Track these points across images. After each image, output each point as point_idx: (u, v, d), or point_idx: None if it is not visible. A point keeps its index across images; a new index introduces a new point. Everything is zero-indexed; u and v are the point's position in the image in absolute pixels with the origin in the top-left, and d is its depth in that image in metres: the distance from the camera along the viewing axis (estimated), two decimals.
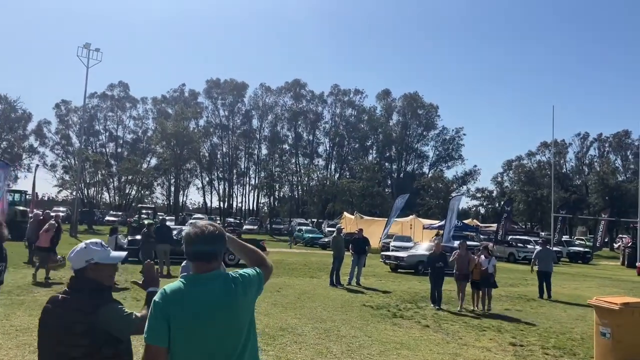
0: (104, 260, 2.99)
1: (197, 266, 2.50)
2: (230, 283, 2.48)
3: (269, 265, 2.82)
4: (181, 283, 2.47)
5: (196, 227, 2.54)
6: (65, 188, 58.16)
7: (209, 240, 2.48)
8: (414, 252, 24.46)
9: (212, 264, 2.49)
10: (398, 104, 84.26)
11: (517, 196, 68.06)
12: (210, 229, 2.51)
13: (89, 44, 41.55)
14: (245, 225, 59.21)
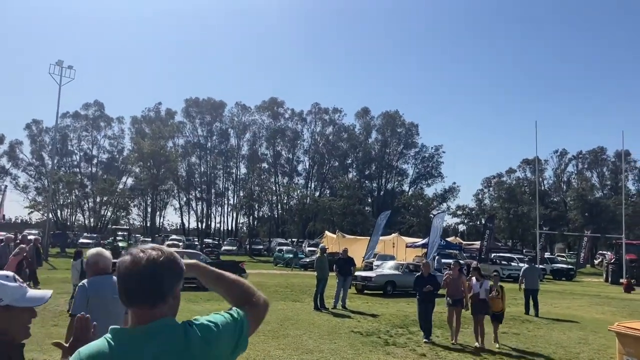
0: (18, 303, 2.03)
1: (133, 314, 1.63)
2: (182, 340, 1.61)
3: (261, 303, 1.95)
4: (106, 342, 1.58)
5: (131, 254, 1.65)
6: (37, 210, 56.25)
7: (148, 274, 1.60)
8: (382, 271, 22.83)
9: (155, 309, 1.61)
10: (377, 122, 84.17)
11: (498, 213, 67.90)
12: (152, 256, 1.63)
13: (61, 61, 40.29)
14: (224, 246, 57.76)
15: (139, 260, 1.61)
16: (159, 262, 1.62)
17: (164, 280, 1.63)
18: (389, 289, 20.70)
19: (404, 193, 79.13)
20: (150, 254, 1.63)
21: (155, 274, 1.61)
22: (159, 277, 1.61)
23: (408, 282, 20.08)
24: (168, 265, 1.65)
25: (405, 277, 20.82)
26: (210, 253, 46.13)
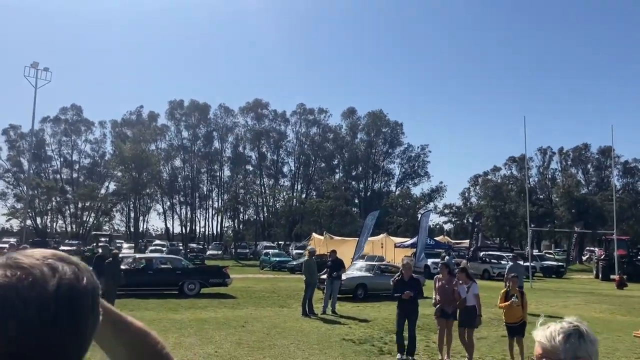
0: None
1: None
2: None
3: None
4: None
5: None
6: (16, 217, 54.74)
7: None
8: (351, 273, 20.51)
9: None
10: (363, 122, 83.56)
11: (485, 211, 67.58)
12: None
13: (36, 63, 39.13)
14: (209, 251, 56.67)
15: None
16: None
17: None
18: (360, 292, 19.11)
19: (390, 193, 78.57)
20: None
21: None
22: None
23: (381, 284, 19.09)
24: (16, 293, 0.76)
25: (378, 280, 19.80)
26: (194, 258, 45.18)
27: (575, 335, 1.60)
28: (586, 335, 1.61)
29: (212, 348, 9.82)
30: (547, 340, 1.61)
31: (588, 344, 1.60)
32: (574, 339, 1.59)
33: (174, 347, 9.75)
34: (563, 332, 1.60)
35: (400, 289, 9.46)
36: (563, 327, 1.62)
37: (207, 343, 10.31)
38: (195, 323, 12.75)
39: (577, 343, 1.58)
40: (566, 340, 1.59)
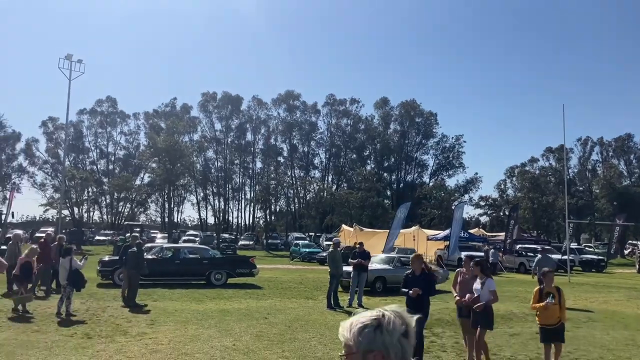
0: None
1: None
2: None
3: None
4: None
5: None
6: (53, 207, 55.90)
7: None
8: (369, 266, 18.88)
9: None
10: (396, 112, 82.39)
11: (523, 203, 65.89)
12: None
13: (70, 55, 39.34)
14: (241, 241, 56.88)
15: None
16: None
17: None
18: (378, 285, 18.24)
19: (424, 185, 77.39)
20: None
21: None
22: None
23: (401, 277, 18.27)
24: None
25: (397, 272, 18.96)
26: (226, 248, 45.36)
27: (371, 326, 1.52)
28: (385, 325, 1.52)
29: (230, 341, 9.49)
30: (346, 331, 1.56)
31: (385, 335, 1.51)
32: (370, 329, 1.52)
33: (192, 339, 9.47)
34: (360, 323, 1.54)
35: (410, 285, 8.39)
36: (364, 316, 1.56)
37: (226, 335, 9.99)
38: (218, 314, 12.47)
39: (371, 334, 1.51)
40: (361, 331, 1.53)
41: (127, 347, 8.78)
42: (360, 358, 1.53)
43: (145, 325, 10.80)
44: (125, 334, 9.86)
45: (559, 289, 7.88)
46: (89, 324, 10.72)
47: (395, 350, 1.53)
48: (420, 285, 8.18)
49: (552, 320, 7.68)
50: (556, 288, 7.85)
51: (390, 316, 1.55)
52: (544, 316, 7.76)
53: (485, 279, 8.22)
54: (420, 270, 8.50)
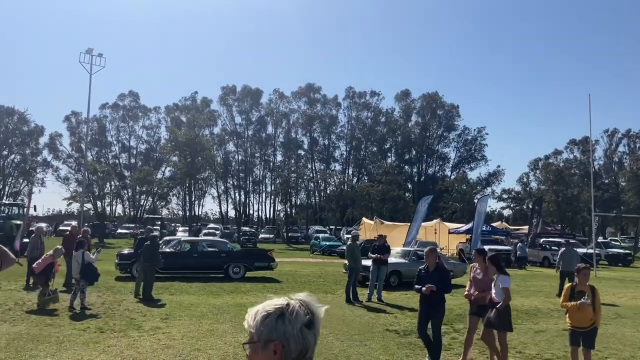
0: None
1: None
2: None
3: None
4: None
5: None
6: (76, 201, 56.50)
7: None
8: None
9: None
10: (417, 105, 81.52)
11: (547, 196, 64.71)
12: None
13: (91, 49, 39.54)
14: (261, 234, 56.86)
15: None
16: None
17: None
18: (393, 279, 17.66)
19: (445, 178, 76.53)
20: None
21: None
22: None
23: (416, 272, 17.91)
24: None
25: (413, 266, 18.59)
26: (247, 241, 45.34)
27: (274, 315, 1.49)
28: (288, 315, 1.48)
29: (245, 336, 9.21)
30: (251, 319, 1.53)
31: (287, 324, 1.47)
32: (272, 318, 1.49)
33: (206, 335, 9.25)
34: (265, 311, 1.51)
35: (423, 282, 7.75)
36: (269, 305, 1.53)
37: (241, 331, 9.74)
38: (234, 309, 12.26)
39: (273, 323, 1.48)
40: (263, 320, 1.50)
41: (139, 342, 8.60)
42: (261, 347, 1.48)
43: (159, 319, 10.63)
44: (138, 328, 9.69)
45: (594, 288, 7.06)
46: (103, 318, 10.58)
47: (296, 340, 1.48)
48: (435, 282, 7.59)
49: (584, 323, 6.94)
50: (590, 287, 7.06)
51: (294, 305, 1.52)
52: (576, 317, 7.00)
53: (498, 276, 7.55)
54: (435, 265, 7.88)
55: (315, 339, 1.54)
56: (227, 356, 7.87)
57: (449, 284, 7.93)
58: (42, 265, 11.86)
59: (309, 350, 1.51)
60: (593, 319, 6.94)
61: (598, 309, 6.96)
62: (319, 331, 1.55)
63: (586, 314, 6.91)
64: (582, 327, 6.93)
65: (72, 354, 7.67)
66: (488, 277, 7.84)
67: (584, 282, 7.11)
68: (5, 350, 7.77)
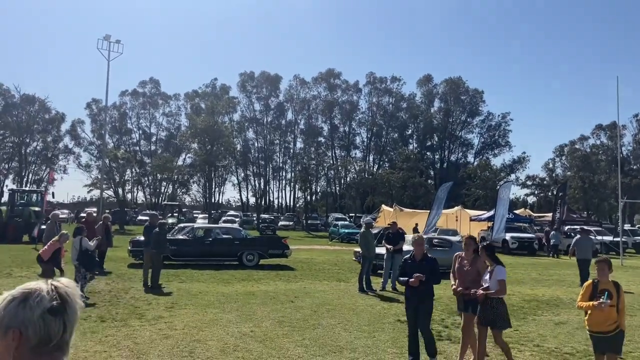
0: None
1: None
2: None
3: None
4: None
5: None
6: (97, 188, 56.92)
7: None
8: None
9: None
10: (439, 90, 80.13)
11: (572, 182, 63.22)
12: None
13: (109, 36, 39.68)
14: (280, 222, 56.72)
15: None
16: None
17: None
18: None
19: (468, 164, 75.29)
20: None
21: None
22: None
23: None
24: None
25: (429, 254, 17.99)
26: (266, 228, 45.18)
27: (18, 299, 1.39)
28: (32, 300, 1.38)
29: (249, 327, 8.89)
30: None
31: (27, 310, 1.37)
32: (15, 303, 1.38)
33: (209, 324, 8.93)
34: (11, 296, 1.41)
35: (409, 272, 7.05)
36: (19, 288, 1.42)
37: (246, 320, 9.41)
38: (243, 297, 11.94)
39: (15, 309, 1.37)
40: (7, 305, 1.39)
41: (139, 332, 8.29)
42: (1, 334, 1.36)
43: (164, 308, 10.34)
44: (140, 317, 9.40)
45: (618, 286, 6.01)
46: (107, 306, 10.33)
47: (35, 327, 1.36)
48: (423, 272, 6.94)
49: (605, 327, 5.87)
50: (614, 284, 6.01)
51: (42, 290, 1.40)
52: (595, 320, 5.95)
53: (494, 267, 6.74)
54: (422, 255, 7.26)
55: (64, 327, 1.40)
56: (227, 347, 7.52)
57: (438, 274, 7.21)
58: (49, 251, 11.59)
59: (53, 338, 1.38)
60: (616, 322, 5.89)
61: (622, 310, 5.93)
62: (72, 319, 1.42)
63: (608, 317, 5.87)
64: (603, 331, 5.92)
65: None
66: (475, 269, 7.00)
67: (604, 278, 6.06)
68: None
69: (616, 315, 5.88)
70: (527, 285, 15.90)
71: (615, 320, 5.89)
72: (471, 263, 7.12)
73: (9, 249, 22.28)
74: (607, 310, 5.81)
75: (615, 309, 5.86)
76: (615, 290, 5.94)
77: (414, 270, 7.02)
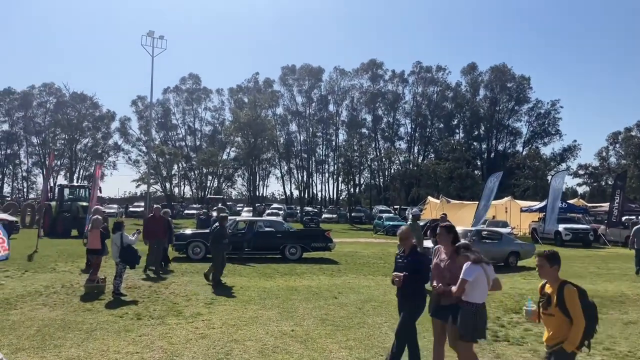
0: None
1: None
2: None
3: None
4: None
5: None
6: (144, 183, 57.92)
7: None
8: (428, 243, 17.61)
9: None
10: (485, 78, 77.93)
11: (629, 171, 60.39)
12: None
13: (152, 32, 40.02)
14: (324, 214, 56.30)
15: None
16: None
17: None
18: None
19: (517, 154, 73.01)
20: None
21: None
22: None
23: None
24: None
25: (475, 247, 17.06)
26: (310, 221, 44.87)
27: None
28: None
29: (289, 325, 8.40)
30: None
31: None
32: None
33: (248, 322, 8.48)
34: None
35: (399, 270, 6.03)
36: None
37: (287, 318, 8.93)
38: (285, 292, 11.48)
39: None
40: None
41: (175, 330, 7.92)
42: None
43: (203, 304, 9.97)
44: (178, 315, 9.04)
45: (561, 288, 4.37)
46: (145, 303, 10.04)
47: None
48: (407, 269, 5.86)
49: (549, 340, 4.45)
50: (560, 284, 4.41)
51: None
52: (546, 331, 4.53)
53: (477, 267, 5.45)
54: (409, 250, 6.02)
55: None
56: (266, 349, 7.04)
57: (422, 272, 5.93)
58: (94, 240, 11.37)
59: None
60: (562, 338, 4.30)
61: (576, 324, 4.23)
62: None
63: (556, 328, 4.37)
64: (548, 345, 4.47)
65: (99, 344, 7.06)
66: (455, 265, 5.61)
67: (544, 277, 4.57)
68: (32, 339, 7.27)
69: (566, 328, 4.28)
70: (587, 280, 14.88)
71: (558, 332, 4.33)
72: (450, 257, 5.76)
73: (58, 243, 22.61)
74: (557, 319, 4.34)
75: (566, 320, 4.28)
76: (556, 295, 4.36)
77: (398, 268, 6.06)
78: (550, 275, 4.51)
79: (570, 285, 4.35)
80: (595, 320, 4.38)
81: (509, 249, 17.99)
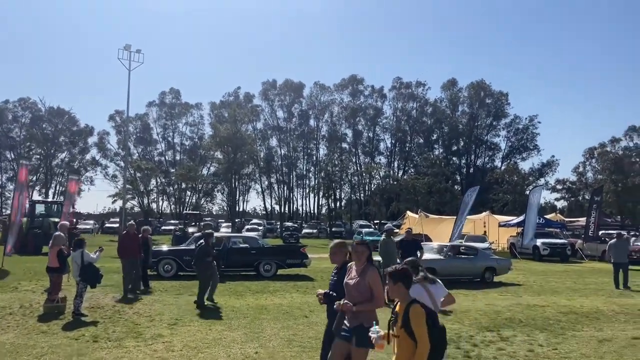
0: None
1: None
2: None
3: None
4: None
5: None
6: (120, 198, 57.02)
7: None
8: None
9: None
10: (464, 94, 78.72)
11: (605, 186, 61.19)
12: None
13: (129, 46, 39.47)
14: (304, 229, 55.91)
15: None
16: None
17: None
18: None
19: (495, 169, 73.60)
20: None
21: None
22: None
23: (454, 268, 16.91)
24: None
25: (450, 263, 17.00)
26: (290, 236, 44.46)
27: None
28: None
29: (254, 347, 8.05)
30: None
31: None
32: None
33: (210, 344, 8.11)
34: None
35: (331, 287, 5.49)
36: None
37: (253, 339, 8.57)
38: (254, 311, 11.11)
39: None
40: None
41: (132, 354, 7.51)
42: None
43: (165, 325, 9.56)
44: (138, 336, 8.63)
45: (408, 308, 3.85)
46: (106, 323, 9.61)
47: None
48: (336, 288, 5.30)
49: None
50: (409, 303, 3.90)
51: None
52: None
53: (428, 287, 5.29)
54: (342, 265, 5.47)
55: None
56: None
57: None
58: (54, 256, 10.83)
59: None
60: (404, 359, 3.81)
61: (419, 342, 3.71)
62: None
63: (395, 347, 3.91)
64: None
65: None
66: (365, 282, 4.96)
67: (393, 294, 4.09)
68: None
69: (411, 352, 3.75)
70: (563, 295, 14.75)
71: (408, 358, 3.77)
72: (360, 274, 5.07)
73: (26, 261, 21.95)
74: (401, 341, 3.82)
75: (411, 343, 3.75)
76: (402, 314, 3.86)
77: (330, 285, 5.53)
78: (397, 293, 4.00)
79: (417, 305, 3.84)
80: (444, 344, 3.93)
81: (485, 264, 17.79)
